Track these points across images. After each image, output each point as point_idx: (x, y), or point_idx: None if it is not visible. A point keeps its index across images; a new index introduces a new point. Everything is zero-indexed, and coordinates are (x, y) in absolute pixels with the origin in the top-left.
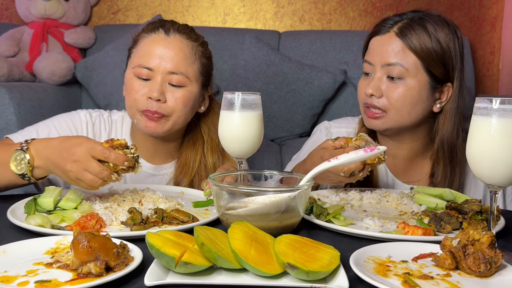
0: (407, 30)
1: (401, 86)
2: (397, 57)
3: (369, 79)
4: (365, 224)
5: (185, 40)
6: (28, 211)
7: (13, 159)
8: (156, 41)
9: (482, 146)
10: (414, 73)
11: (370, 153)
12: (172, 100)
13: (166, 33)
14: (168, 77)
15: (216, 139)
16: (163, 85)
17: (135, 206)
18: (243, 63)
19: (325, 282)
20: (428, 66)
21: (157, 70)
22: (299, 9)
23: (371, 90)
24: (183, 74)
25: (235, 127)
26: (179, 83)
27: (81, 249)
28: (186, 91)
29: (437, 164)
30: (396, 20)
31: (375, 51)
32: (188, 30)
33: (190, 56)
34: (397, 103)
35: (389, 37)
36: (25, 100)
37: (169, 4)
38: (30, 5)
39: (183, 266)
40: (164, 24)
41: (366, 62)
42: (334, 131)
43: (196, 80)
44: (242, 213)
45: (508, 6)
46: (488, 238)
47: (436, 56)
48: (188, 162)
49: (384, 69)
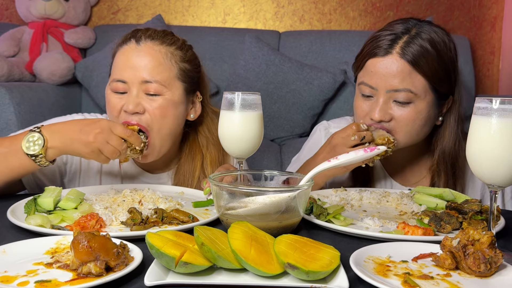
0: (412, 50)
1: (410, 110)
2: (405, 82)
3: (370, 102)
4: (365, 224)
5: (157, 46)
6: (28, 211)
7: (25, 142)
8: (127, 52)
9: (482, 146)
10: (423, 95)
11: (370, 153)
12: (150, 110)
13: (137, 42)
14: (143, 87)
15: (216, 152)
16: (140, 96)
17: (135, 206)
18: (243, 63)
19: (325, 282)
20: (435, 85)
21: (131, 82)
22: (299, 9)
23: (378, 116)
24: (158, 82)
25: (235, 127)
26: (155, 92)
27: (81, 249)
28: (164, 100)
29: (437, 176)
30: (392, 38)
31: (378, 75)
32: (162, 35)
33: (164, 62)
34: (407, 127)
35: (393, 60)
36: (25, 100)
37: (169, 4)
38: (30, 5)
39: (183, 266)
40: (136, 33)
41: (366, 85)
42: (333, 131)
43: (174, 87)
44: (242, 213)
45: (508, 6)
46: (488, 238)
47: (442, 73)
48: (186, 179)
49: (390, 94)
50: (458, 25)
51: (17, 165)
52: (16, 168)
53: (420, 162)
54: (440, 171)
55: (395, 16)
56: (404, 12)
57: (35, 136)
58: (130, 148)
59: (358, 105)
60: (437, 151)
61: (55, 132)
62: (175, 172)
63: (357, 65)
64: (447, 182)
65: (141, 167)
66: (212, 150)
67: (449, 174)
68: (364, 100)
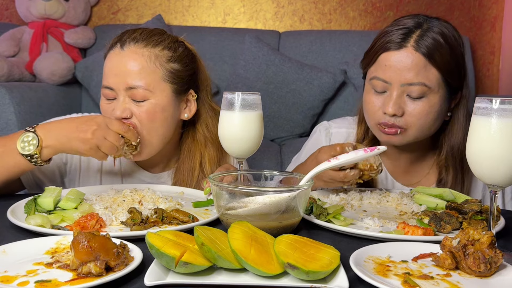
0: (426, 43)
1: (423, 104)
2: (419, 76)
3: (383, 97)
4: (365, 224)
5: (140, 49)
6: (28, 211)
7: (20, 142)
8: (111, 58)
9: (482, 146)
10: (436, 89)
11: (370, 153)
12: (138, 115)
13: (121, 46)
14: (128, 93)
15: (214, 150)
16: (126, 102)
17: (135, 206)
18: (243, 63)
19: (325, 282)
20: (448, 79)
21: (117, 88)
22: (299, 9)
23: (392, 110)
24: (142, 87)
25: (235, 127)
26: (141, 98)
27: (81, 249)
28: (150, 104)
29: (446, 171)
30: (405, 32)
31: (392, 69)
32: (147, 36)
33: (148, 65)
34: (419, 121)
35: (408, 53)
36: (25, 100)
37: (169, 4)
38: (30, 5)
39: (183, 266)
40: (122, 36)
41: (379, 79)
42: (333, 131)
43: (161, 90)
44: (242, 213)
45: (508, 6)
46: (488, 238)
47: (454, 67)
48: (185, 178)
49: (404, 88)
50: (458, 25)
51: (12, 164)
52: (12, 167)
53: (423, 160)
54: (449, 166)
55: (395, 16)
56: (404, 12)
57: (29, 136)
58: (126, 144)
59: (369, 100)
60: (445, 147)
61: (51, 131)
62: (174, 171)
63: (368, 60)
64: (455, 177)
65: (141, 166)
66: (210, 149)
67: (458, 169)
68: (376, 95)
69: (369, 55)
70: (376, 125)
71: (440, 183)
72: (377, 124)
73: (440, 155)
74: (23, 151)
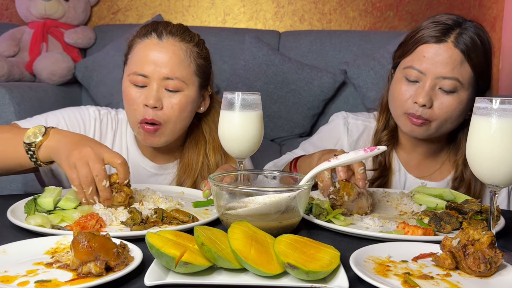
0: (465, 41)
1: (453, 99)
2: (455, 71)
3: (415, 87)
4: (365, 224)
5: (178, 43)
6: (28, 211)
7: (30, 131)
8: (149, 47)
9: (482, 146)
10: (467, 87)
11: (370, 153)
12: (169, 106)
13: (159, 37)
14: (164, 83)
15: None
16: (159, 91)
17: (135, 206)
18: (243, 63)
19: (325, 282)
20: (478, 79)
21: (152, 77)
22: (299, 9)
23: (423, 100)
24: (178, 79)
25: (235, 127)
26: (176, 88)
27: (81, 249)
28: (183, 96)
29: (464, 168)
30: (446, 27)
31: (429, 61)
32: (181, 31)
33: (185, 59)
34: (445, 114)
35: (447, 48)
36: (25, 100)
37: (169, 4)
38: (30, 5)
39: (183, 266)
40: (157, 27)
41: (414, 69)
42: (351, 122)
43: (192, 83)
44: (242, 213)
45: (508, 6)
46: (488, 238)
47: (485, 68)
48: (191, 163)
49: (437, 81)
50: None
51: (11, 151)
52: (10, 154)
53: (437, 155)
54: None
55: (395, 16)
56: (404, 12)
57: (42, 129)
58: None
59: (400, 89)
60: (463, 144)
61: (58, 133)
62: (179, 161)
63: (404, 50)
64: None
65: (147, 157)
66: (215, 137)
67: None
68: (407, 84)
69: (407, 45)
70: (403, 114)
71: (456, 180)
72: (404, 113)
73: (458, 152)
74: (26, 139)
